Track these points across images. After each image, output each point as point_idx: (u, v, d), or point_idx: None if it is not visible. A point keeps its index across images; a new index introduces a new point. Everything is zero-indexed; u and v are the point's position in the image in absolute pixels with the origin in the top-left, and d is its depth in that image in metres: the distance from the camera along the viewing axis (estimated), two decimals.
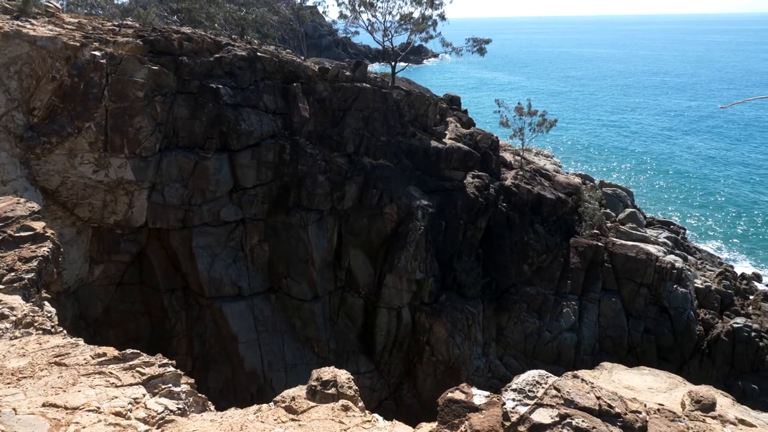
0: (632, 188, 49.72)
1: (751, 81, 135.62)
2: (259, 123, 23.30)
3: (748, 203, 54.34)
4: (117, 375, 5.93)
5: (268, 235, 23.82)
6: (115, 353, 6.34)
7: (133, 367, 6.09)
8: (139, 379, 5.94)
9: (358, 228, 25.19)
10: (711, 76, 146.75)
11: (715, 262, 40.81)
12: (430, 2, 30.22)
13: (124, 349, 6.56)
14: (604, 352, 27.99)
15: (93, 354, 6.26)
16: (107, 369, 6.01)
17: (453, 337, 25.15)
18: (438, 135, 29.32)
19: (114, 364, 6.15)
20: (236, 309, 23.06)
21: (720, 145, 75.37)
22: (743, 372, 28.56)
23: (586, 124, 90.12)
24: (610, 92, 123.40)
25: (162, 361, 6.27)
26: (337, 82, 25.87)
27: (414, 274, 24.95)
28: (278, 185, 23.94)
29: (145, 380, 5.95)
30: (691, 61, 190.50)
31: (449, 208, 27.22)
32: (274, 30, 31.80)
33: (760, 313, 32.29)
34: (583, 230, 31.26)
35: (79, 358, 6.19)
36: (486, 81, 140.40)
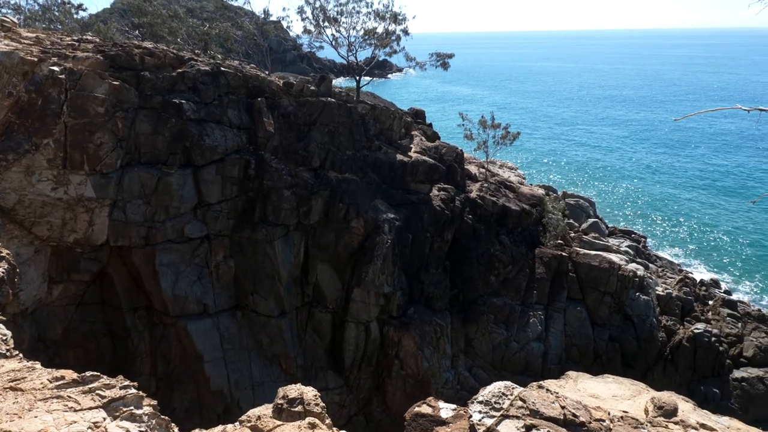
0: (594, 198, 50.77)
1: (702, 94, 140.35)
2: (224, 138, 23.10)
3: (703, 211, 55.99)
4: (76, 399, 5.75)
5: (233, 251, 23.53)
6: (74, 376, 6.15)
7: (93, 390, 5.92)
8: (99, 402, 5.77)
9: (325, 242, 25.09)
10: (665, 90, 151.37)
11: (675, 270, 41.86)
12: (394, 18, 30.50)
13: (85, 372, 6.37)
14: (571, 361, 28.35)
15: (51, 378, 6.06)
16: (65, 393, 5.83)
17: (422, 350, 25.17)
18: (403, 148, 29.51)
19: (73, 387, 5.96)
20: (201, 327, 22.65)
21: (675, 155, 77.66)
22: (705, 377, 29.27)
23: (549, 135, 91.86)
24: (570, 105, 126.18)
25: (123, 382, 6.11)
26: (301, 97, 25.85)
27: (382, 288, 24.94)
28: (243, 200, 23.71)
29: (105, 403, 5.78)
30: (646, 74, 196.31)
31: (416, 221, 27.36)
32: (237, 45, 31.65)
33: (719, 319, 33.19)
34: (548, 241, 31.74)
35: (36, 383, 5.99)
36: (450, 94, 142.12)
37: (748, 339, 31.70)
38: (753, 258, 45.76)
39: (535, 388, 4.95)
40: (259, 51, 31.60)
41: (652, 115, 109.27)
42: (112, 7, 76.22)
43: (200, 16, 42.87)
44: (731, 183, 64.58)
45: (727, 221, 53.18)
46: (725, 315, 33.59)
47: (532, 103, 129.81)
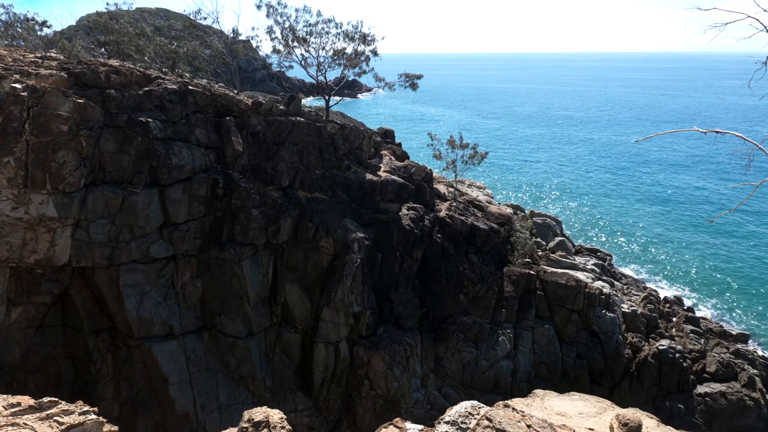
0: (560, 217, 51.58)
1: (662, 116, 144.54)
2: (191, 157, 22.86)
3: (664, 230, 57.35)
4: (32, 426, 5.56)
5: (200, 271, 23.17)
6: (31, 402, 5.94)
7: (51, 417, 5.73)
8: (57, 429, 5.58)
9: (294, 262, 24.91)
10: (626, 112, 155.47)
11: (639, 287, 42.63)
12: (363, 39, 30.76)
13: (44, 397, 6.16)
14: (540, 379, 28.53)
15: (6, 404, 5.85)
16: (21, 420, 5.63)
17: (392, 370, 25.04)
18: (373, 168, 29.60)
19: (29, 413, 5.76)
20: (167, 349, 22.16)
21: (637, 175, 79.60)
22: (670, 392, 29.73)
23: (516, 155, 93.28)
24: (536, 125, 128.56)
25: (83, 408, 5.93)
26: (270, 116, 25.79)
27: (351, 308, 24.80)
28: (211, 220, 23.43)
29: (63, 430, 5.60)
30: (608, 97, 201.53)
31: (385, 240, 27.38)
32: (206, 63, 31.48)
33: (683, 335, 33.86)
34: (516, 259, 32.07)
35: None
36: (419, 114, 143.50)
37: (711, 355, 32.38)
38: (712, 275, 46.95)
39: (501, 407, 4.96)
40: (228, 70, 31.47)
41: (614, 136, 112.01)
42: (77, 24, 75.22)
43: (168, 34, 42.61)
44: (690, 203, 66.39)
45: (687, 239, 54.56)
46: (688, 331, 34.30)
47: (499, 123, 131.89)
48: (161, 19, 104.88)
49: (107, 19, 31.79)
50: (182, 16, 67.95)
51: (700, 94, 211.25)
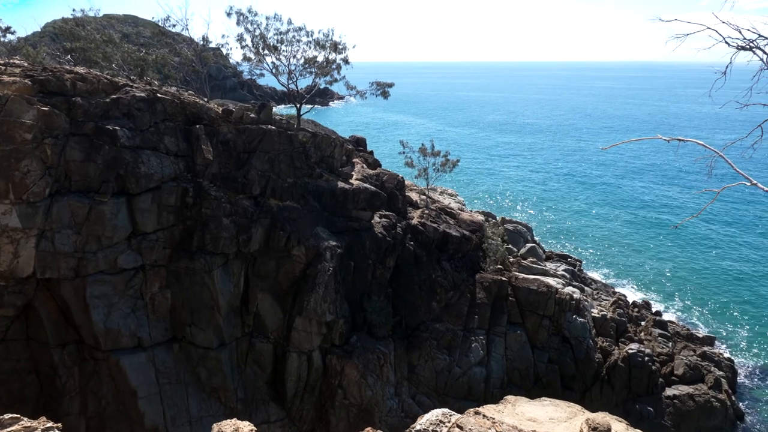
0: (531, 223, 52.19)
1: (628, 124, 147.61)
2: (160, 165, 22.54)
3: (631, 235, 58.45)
4: None
5: (170, 281, 22.80)
6: None
7: None
8: None
9: (266, 271, 24.69)
10: (593, 120, 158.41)
11: (608, 292, 43.35)
12: (334, 47, 30.78)
13: (6, 414, 5.97)
14: (513, 385, 28.73)
15: None
16: None
17: (365, 379, 24.94)
18: (345, 176, 29.58)
19: None
20: (135, 361, 21.71)
21: (604, 182, 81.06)
22: (639, 395, 30.23)
23: (487, 162, 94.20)
24: (506, 133, 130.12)
25: (46, 424, 5.77)
26: (241, 124, 25.60)
27: (324, 316, 24.67)
28: (181, 229, 23.11)
29: None
30: (576, 105, 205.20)
31: (358, 248, 27.34)
32: (175, 71, 31.13)
33: (651, 339, 34.51)
34: (488, 266, 32.31)
35: None
36: (390, 123, 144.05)
37: (678, 357, 33.04)
38: (678, 279, 47.98)
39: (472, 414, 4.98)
40: (198, 78, 31.18)
41: (581, 144, 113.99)
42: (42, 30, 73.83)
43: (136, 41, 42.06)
44: (655, 209, 67.83)
45: (653, 245, 55.70)
46: (657, 335, 34.97)
47: (470, 131, 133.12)
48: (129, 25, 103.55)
49: (73, 25, 31.21)
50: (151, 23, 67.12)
51: (665, 102, 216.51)
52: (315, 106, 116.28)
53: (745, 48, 7.02)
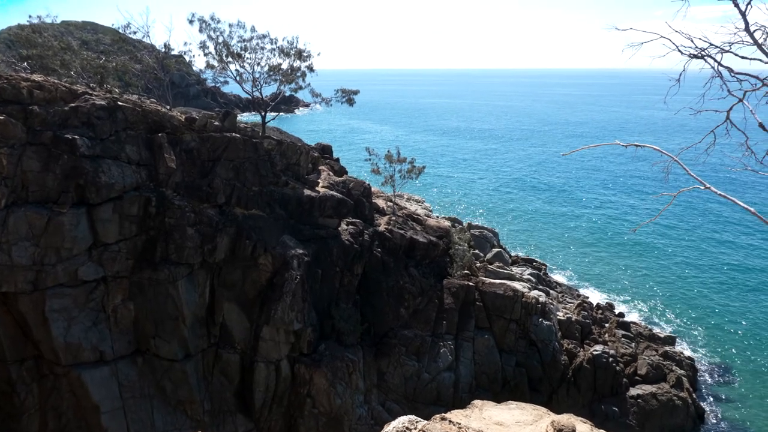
0: (497, 228, 52.80)
1: (587, 130, 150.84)
2: (121, 175, 22.09)
3: (592, 239, 59.67)
4: None
5: (133, 293, 22.32)
6: None
7: None
8: None
9: (232, 280, 24.39)
10: (554, 126, 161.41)
11: (573, 295, 44.11)
12: (298, 54, 30.70)
13: None
14: (481, 389, 28.95)
15: None
16: None
17: (334, 387, 24.80)
18: (311, 183, 29.48)
19: None
20: (98, 376, 21.17)
21: (565, 187, 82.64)
22: (605, 396, 30.79)
23: (452, 168, 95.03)
24: (471, 139, 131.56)
25: None
26: (205, 132, 25.31)
27: (292, 325, 24.47)
28: (144, 239, 22.67)
29: None
30: (538, 112, 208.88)
31: (325, 255, 27.24)
32: (137, 79, 30.59)
33: (615, 340, 35.21)
34: (455, 271, 32.55)
35: None
36: (356, 130, 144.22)
37: (641, 358, 33.78)
38: (639, 281, 49.12)
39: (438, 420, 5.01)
40: (160, 85, 30.69)
41: (543, 150, 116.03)
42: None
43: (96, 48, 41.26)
44: (615, 212, 69.41)
45: (614, 248, 56.97)
46: (620, 336, 35.71)
47: (435, 137, 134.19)
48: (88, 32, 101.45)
49: (30, 32, 30.43)
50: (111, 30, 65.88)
51: (623, 108, 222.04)
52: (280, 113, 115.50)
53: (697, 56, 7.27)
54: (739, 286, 47.65)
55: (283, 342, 24.57)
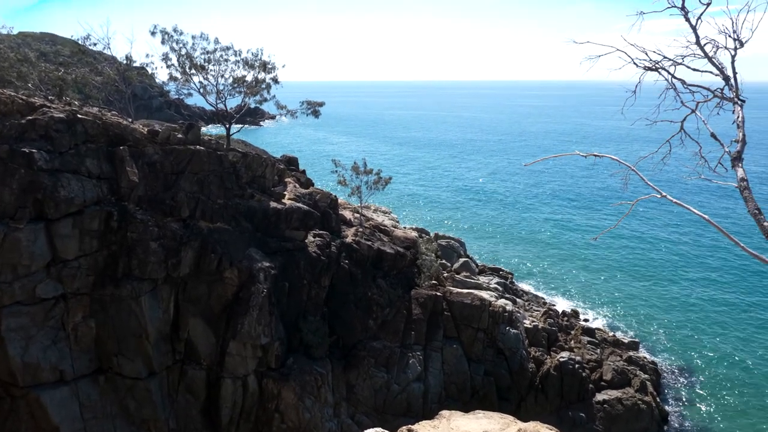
0: (463, 238, 53.22)
1: (549, 141, 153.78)
2: (81, 189, 21.59)
3: (556, 248, 60.67)
4: None
5: (94, 310, 21.77)
6: None
7: None
8: None
9: (197, 295, 23.99)
10: (518, 137, 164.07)
11: (539, 302, 44.68)
12: (263, 66, 30.57)
13: None
14: (450, 399, 29.01)
15: None
16: None
17: (303, 401, 24.55)
18: (277, 196, 29.29)
19: None
20: (57, 396, 20.53)
21: (528, 197, 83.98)
22: (572, 402, 31.19)
23: (418, 179, 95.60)
24: (436, 150, 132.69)
25: None
26: (168, 145, 24.95)
27: (259, 339, 24.17)
28: (105, 255, 22.16)
29: None
30: (503, 122, 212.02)
31: (292, 268, 27.04)
32: (97, 91, 30.05)
33: (581, 346, 35.75)
34: (423, 281, 32.65)
35: None
36: (322, 141, 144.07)
37: (607, 363, 34.36)
38: (602, 287, 50.06)
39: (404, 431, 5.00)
40: (122, 97, 30.19)
41: (506, 160, 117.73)
42: None
43: (55, 60, 40.35)
44: (577, 221, 70.71)
45: (577, 255, 57.99)
46: (586, 342, 36.28)
47: (401, 148, 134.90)
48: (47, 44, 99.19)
49: None
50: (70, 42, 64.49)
51: (584, 119, 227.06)
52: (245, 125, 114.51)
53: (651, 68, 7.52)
54: (697, 290, 48.99)
55: (250, 357, 24.24)
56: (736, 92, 7.31)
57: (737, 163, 6.92)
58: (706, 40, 7.36)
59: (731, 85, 7.35)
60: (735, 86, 7.34)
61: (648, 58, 7.52)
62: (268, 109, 35.26)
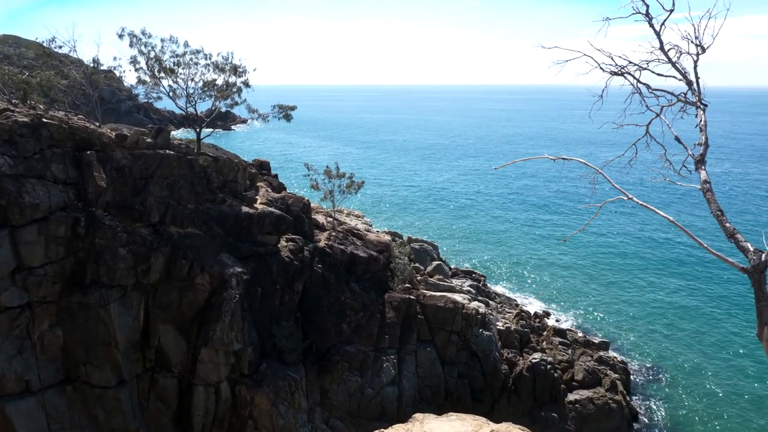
0: (436, 241, 53.48)
1: (519, 144, 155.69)
2: (47, 195, 21.12)
3: (527, 250, 61.41)
4: None
5: (61, 318, 21.29)
6: None
7: None
8: None
9: (168, 301, 23.64)
10: (488, 140, 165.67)
11: (512, 305, 45.09)
12: (234, 70, 30.33)
13: None
14: (425, 402, 29.08)
15: None
16: None
17: (276, 407, 24.35)
18: (249, 200, 29.05)
19: None
20: (23, 407, 20.01)
21: (499, 200, 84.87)
22: (544, 402, 31.53)
23: (391, 183, 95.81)
24: (409, 153, 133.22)
25: None
26: (137, 149, 24.57)
27: (231, 346, 23.91)
28: (72, 262, 21.70)
29: None
30: (474, 126, 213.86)
31: (264, 273, 26.84)
32: (63, 95, 29.42)
33: (552, 347, 36.18)
34: (396, 285, 32.71)
35: None
36: (295, 145, 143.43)
37: (578, 363, 34.84)
38: (573, 289, 50.81)
39: None
40: (89, 101, 29.62)
41: (477, 164, 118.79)
42: None
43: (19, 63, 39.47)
44: (547, 224, 71.71)
45: (548, 257, 58.76)
46: (557, 343, 36.72)
47: (373, 152, 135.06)
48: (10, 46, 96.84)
49: None
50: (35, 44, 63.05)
51: (553, 123, 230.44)
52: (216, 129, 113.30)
53: (617, 73, 7.69)
54: (664, 290, 50.05)
55: (223, 363, 23.96)
56: (698, 96, 7.51)
57: (700, 166, 7.12)
58: (669, 46, 7.55)
59: (694, 89, 7.56)
60: (698, 91, 7.55)
61: (614, 63, 7.69)
62: (239, 113, 34.97)
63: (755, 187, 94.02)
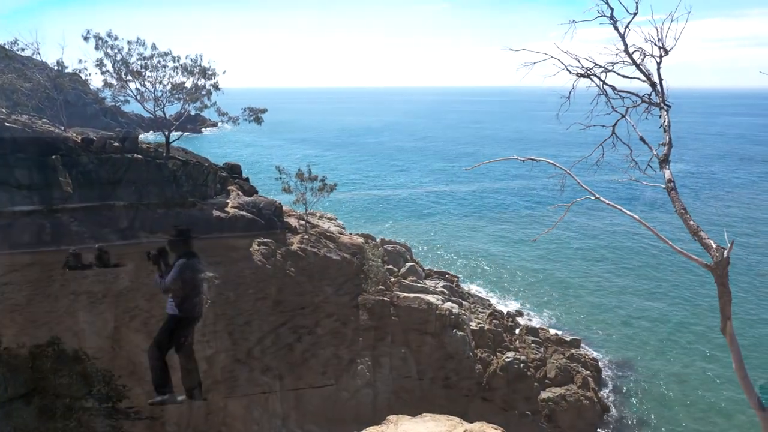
0: (409, 243, 53.64)
1: (489, 145, 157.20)
2: (11, 201, 20.63)
3: (498, 250, 62.07)
4: None
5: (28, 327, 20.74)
6: None
7: None
8: None
9: (138, 308, 23.23)
10: (459, 142, 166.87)
11: (485, 305, 45.42)
12: (203, 72, 30.04)
13: None
14: (399, 403, 29.10)
15: None
16: None
17: (250, 413, 24.16)
18: (220, 204, 28.76)
19: None
20: None
21: (470, 200, 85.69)
22: (518, 401, 31.84)
23: (364, 185, 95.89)
24: (381, 156, 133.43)
25: None
26: (104, 154, 24.16)
27: (204, 351, 23.60)
28: (38, 270, 21.18)
29: None
30: (443, 128, 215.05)
31: (237, 277, 26.57)
32: (26, 98, 28.80)
33: (525, 346, 36.59)
34: (370, 287, 32.68)
35: None
36: (266, 148, 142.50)
37: (550, 361, 35.30)
38: (544, 288, 51.47)
39: None
40: (53, 105, 29.04)
41: (448, 165, 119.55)
42: None
43: None
44: (518, 223, 72.59)
45: (518, 257, 59.50)
46: (530, 342, 37.15)
47: (345, 154, 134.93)
48: None
49: None
50: None
51: (522, 124, 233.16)
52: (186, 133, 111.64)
53: (583, 75, 7.84)
54: (632, 287, 51.05)
55: (195, 370, 23.61)
56: (662, 97, 7.70)
57: (665, 165, 7.29)
58: (634, 48, 7.72)
59: (658, 90, 7.74)
60: (661, 92, 7.74)
61: (581, 65, 7.84)
62: (209, 116, 34.63)
63: (718, 185, 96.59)
